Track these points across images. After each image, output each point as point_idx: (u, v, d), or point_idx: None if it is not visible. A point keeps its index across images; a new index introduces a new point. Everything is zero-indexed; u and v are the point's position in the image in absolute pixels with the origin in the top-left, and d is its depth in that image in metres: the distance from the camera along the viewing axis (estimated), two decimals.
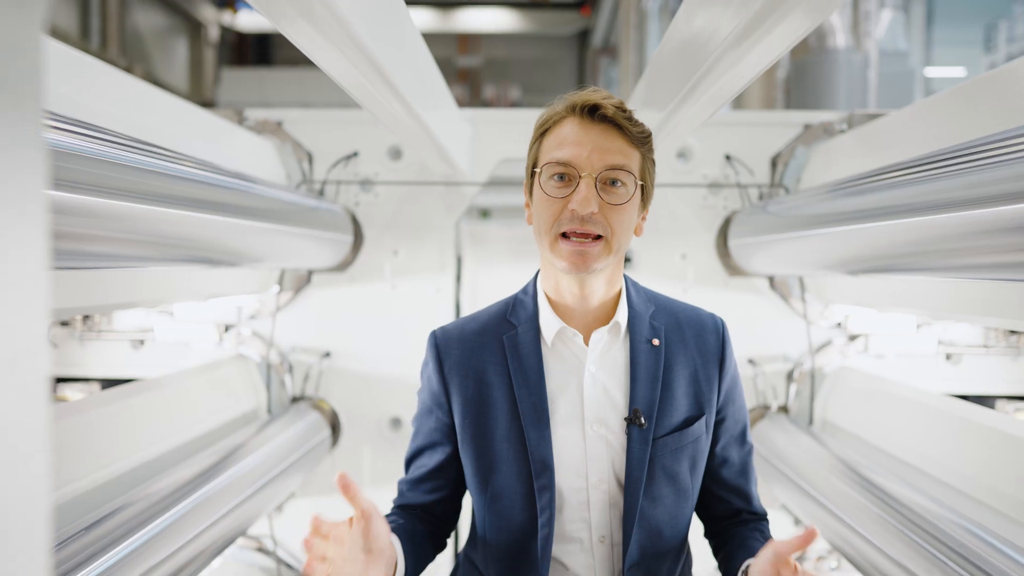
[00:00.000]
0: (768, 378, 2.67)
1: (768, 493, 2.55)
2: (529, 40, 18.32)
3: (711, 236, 2.70)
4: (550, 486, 1.25)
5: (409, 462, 1.40)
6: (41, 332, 0.46)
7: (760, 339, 2.69)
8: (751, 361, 2.69)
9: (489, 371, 1.30)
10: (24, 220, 0.44)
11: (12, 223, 0.43)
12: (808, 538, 1.08)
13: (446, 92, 2.22)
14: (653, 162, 1.27)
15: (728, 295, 2.69)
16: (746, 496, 1.40)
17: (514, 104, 16.80)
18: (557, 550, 1.28)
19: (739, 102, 7.27)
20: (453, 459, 1.35)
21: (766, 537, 1.35)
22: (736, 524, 1.40)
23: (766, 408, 2.63)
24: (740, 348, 2.67)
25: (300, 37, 1.22)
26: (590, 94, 1.22)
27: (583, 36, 18.19)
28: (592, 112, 1.20)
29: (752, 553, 1.26)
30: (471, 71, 18.23)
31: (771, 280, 2.67)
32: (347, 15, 1.14)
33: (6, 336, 0.43)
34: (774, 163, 2.65)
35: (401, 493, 1.41)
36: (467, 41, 18.14)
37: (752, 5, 1.09)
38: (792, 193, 2.44)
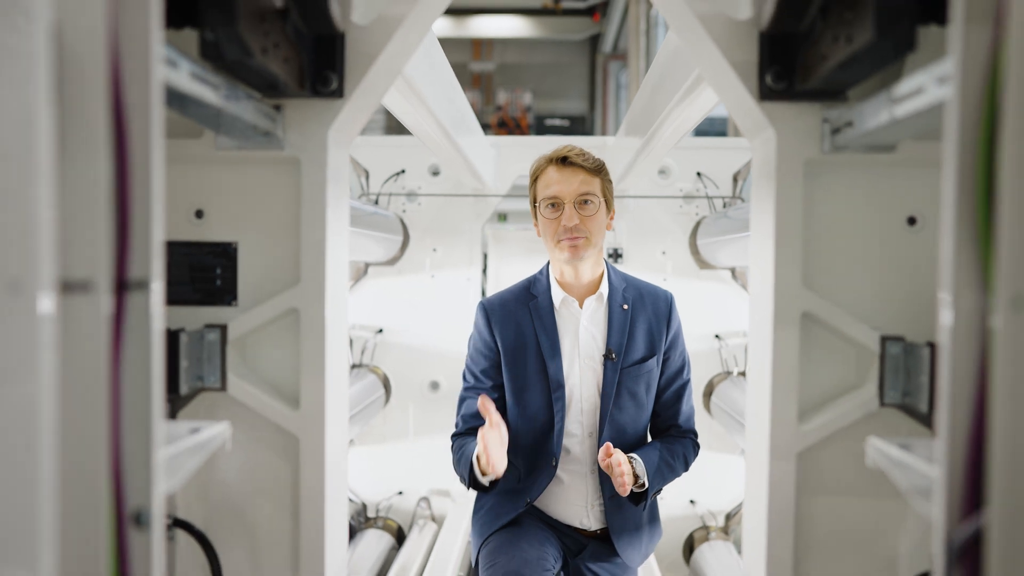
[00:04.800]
0: (730, 349, 3.31)
1: (729, 440, 3.20)
2: (541, 45, 18.65)
3: (685, 237, 3.36)
4: (562, 397, 1.93)
5: (471, 388, 2.00)
6: (345, 294, 1.14)
7: (724, 318, 3.34)
8: (717, 336, 3.33)
9: (522, 325, 1.97)
10: (342, 239, 1.12)
11: (340, 242, 1.12)
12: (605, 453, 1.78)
13: (476, 124, 2.89)
14: (610, 182, 1.95)
15: (699, 283, 3.36)
16: (675, 413, 2.03)
17: (527, 109, 17.30)
18: (564, 441, 1.96)
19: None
20: (499, 391, 1.97)
21: (668, 447, 1.96)
22: (662, 436, 2.03)
23: (728, 373, 3.25)
24: (708, 326, 3.32)
25: (387, 99, 1.84)
26: (560, 150, 1.91)
27: (594, 41, 18.57)
28: (563, 161, 1.89)
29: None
30: (484, 76, 18.71)
31: (732, 271, 3.31)
32: (418, 83, 1.78)
33: (339, 296, 1.12)
34: (735, 179, 3.31)
35: (471, 420, 1.98)
36: (480, 46, 18.61)
37: (689, 77, 1.74)
38: (747, 202, 3.07)
